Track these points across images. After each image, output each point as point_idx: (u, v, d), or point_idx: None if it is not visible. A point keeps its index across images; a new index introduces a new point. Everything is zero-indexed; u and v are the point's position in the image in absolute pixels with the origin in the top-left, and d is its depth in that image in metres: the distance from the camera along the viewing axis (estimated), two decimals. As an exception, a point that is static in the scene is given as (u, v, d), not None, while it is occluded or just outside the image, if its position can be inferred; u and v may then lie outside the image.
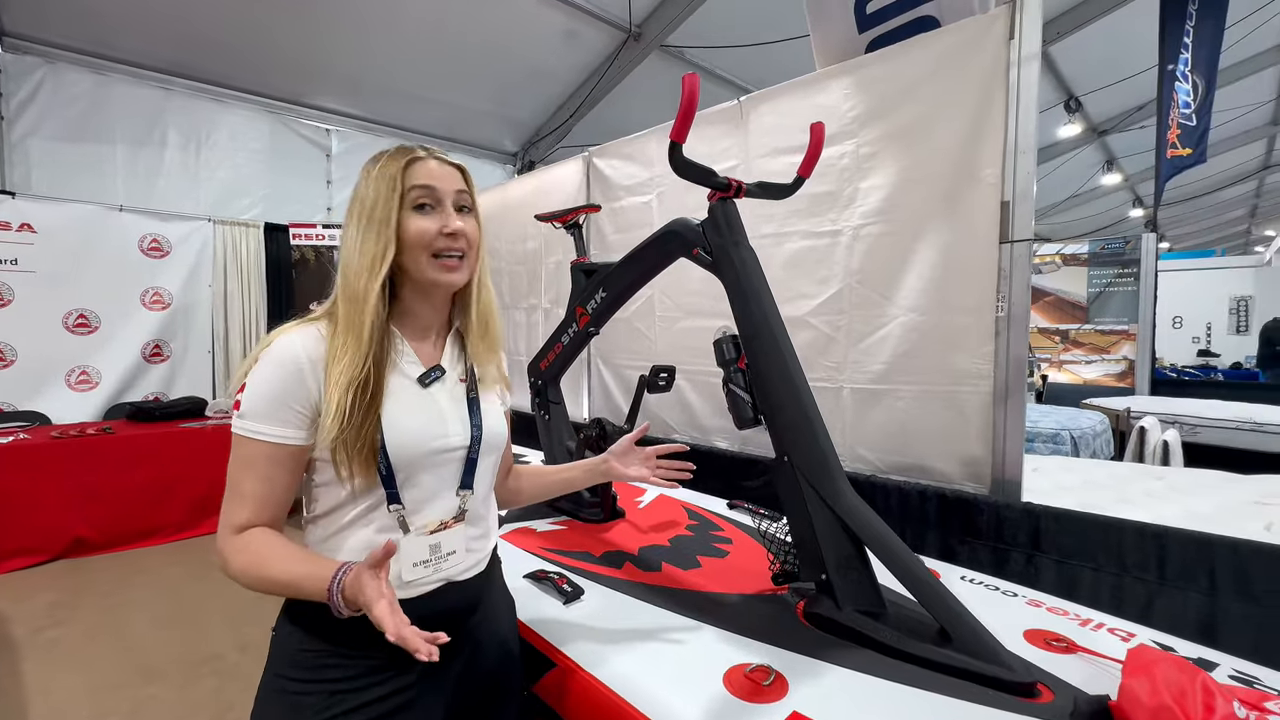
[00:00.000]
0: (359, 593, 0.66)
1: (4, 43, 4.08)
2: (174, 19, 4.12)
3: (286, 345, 0.76)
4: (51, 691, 2.03)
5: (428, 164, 0.83)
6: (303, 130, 5.24)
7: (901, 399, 1.83)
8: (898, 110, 1.82)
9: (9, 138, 4.13)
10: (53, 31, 4.14)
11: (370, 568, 0.67)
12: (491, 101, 5.70)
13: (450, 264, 0.83)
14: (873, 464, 1.89)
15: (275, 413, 0.74)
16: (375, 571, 0.67)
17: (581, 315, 1.54)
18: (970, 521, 1.61)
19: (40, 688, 2.05)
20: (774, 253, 2.13)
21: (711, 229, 1.20)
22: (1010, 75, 1.61)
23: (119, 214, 4.19)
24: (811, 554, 1.01)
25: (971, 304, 1.66)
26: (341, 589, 0.68)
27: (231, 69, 4.71)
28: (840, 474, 1.03)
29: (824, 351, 2.00)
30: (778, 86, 2.14)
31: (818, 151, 1.27)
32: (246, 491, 0.74)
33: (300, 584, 0.72)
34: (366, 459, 0.75)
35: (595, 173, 2.90)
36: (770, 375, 1.09)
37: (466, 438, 0.85)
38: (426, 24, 4.56)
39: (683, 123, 1.03)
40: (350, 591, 0.68)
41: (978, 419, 1.68)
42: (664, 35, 4.97)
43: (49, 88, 4.23)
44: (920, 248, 1.77)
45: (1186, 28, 4.39)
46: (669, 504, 1.69)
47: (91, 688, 2.05)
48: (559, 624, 1.01)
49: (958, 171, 1.70)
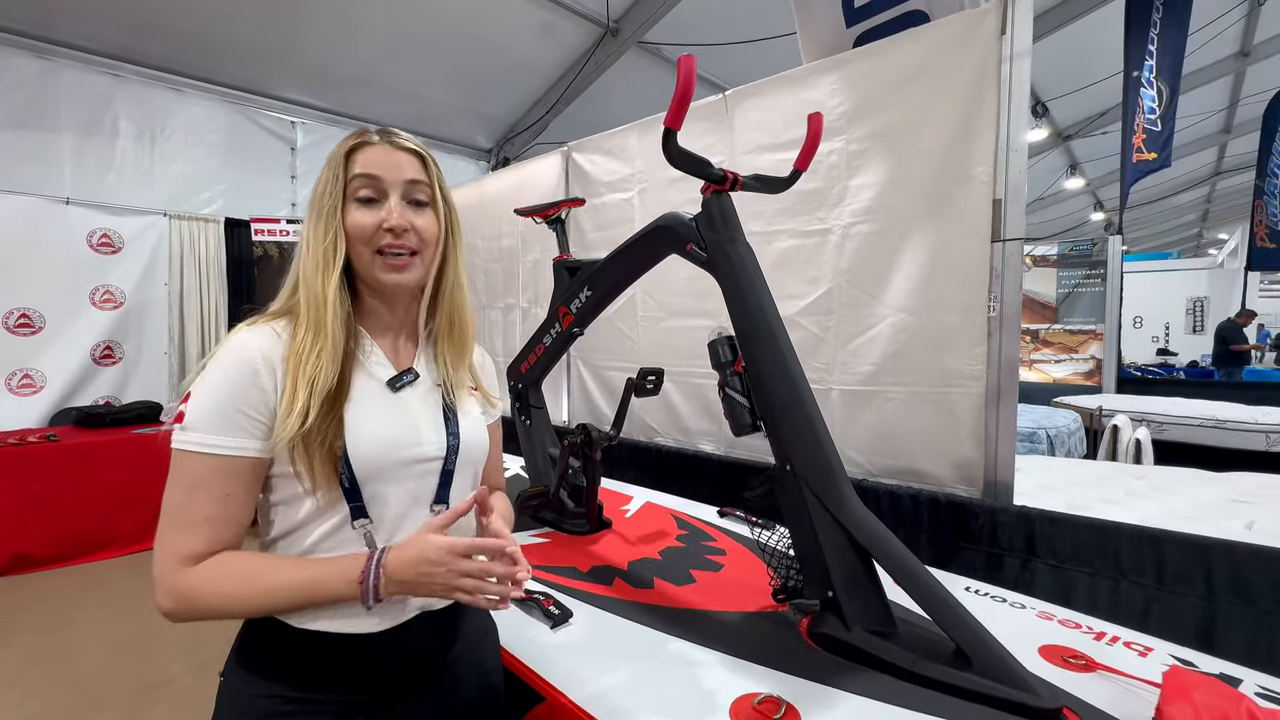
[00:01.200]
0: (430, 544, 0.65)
1: (-65, 22, 3.80)
2: (136, 4, 3.89)
3: (238, 346, 0.67)
4: (-18, 725, 1.87)
5: (376, 150, 0.75)
6: (265, 122, 5.01)
7: (891, 400, 1.79)
8: (887, 107, 1.79)
9: (-59, 125, 3.85)
10: (-7, 12, 3.87)
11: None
12: (464, 96, 5.55)
13: (396, 262, 0.74)
14: (863, 467, 1.85)
15: (229, 422, 0.65)
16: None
17: (565, 315, 1.46)
18: (964, 526, 1.58)
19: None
20: (762, 251, 2.03)
21: (706, 224, 1.14)
22: (1002, 71, 1.58)
23: (65, 207, 3.95)
24: (817, 569, 0.95)
25: (963, 304, 1.63)
26: (384, 564, 0.65)
27: (188, 55, 4.47)
28: (845, 482, 0.98)
29: (813, 352, 1.95)
30: (764, 81, 2.09)
31: (815, 144, 1.21)
32: (200, 516, 0.64)
33: (316, 584, 0.65)
34: (326, 463, 0.66)
35: (575, 168, 2.82)
36: (771, 378, 1.03)
37: (442, 447, 0.76)
38: (397, 13, 4.40)
39: (678, 108, 0.96)
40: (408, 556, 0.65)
41: (969, 421, 1.65)
42: (642, 31, 4.90)
43: (-13, 71, 3.96)
44: (910, 247, 1.74)
45: (1151, 35, 4.50)
46: (657, 512, 1.63)
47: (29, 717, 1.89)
48: (546, 651, 0.93)
49: (948, 169, 1.66)
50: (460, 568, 0.65)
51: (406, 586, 0.65)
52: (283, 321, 0.71)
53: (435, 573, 0.64)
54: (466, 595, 0.66)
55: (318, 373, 0.66)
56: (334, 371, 0.67)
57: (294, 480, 0.67)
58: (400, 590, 0.66)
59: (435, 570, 0.64)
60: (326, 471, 0.66)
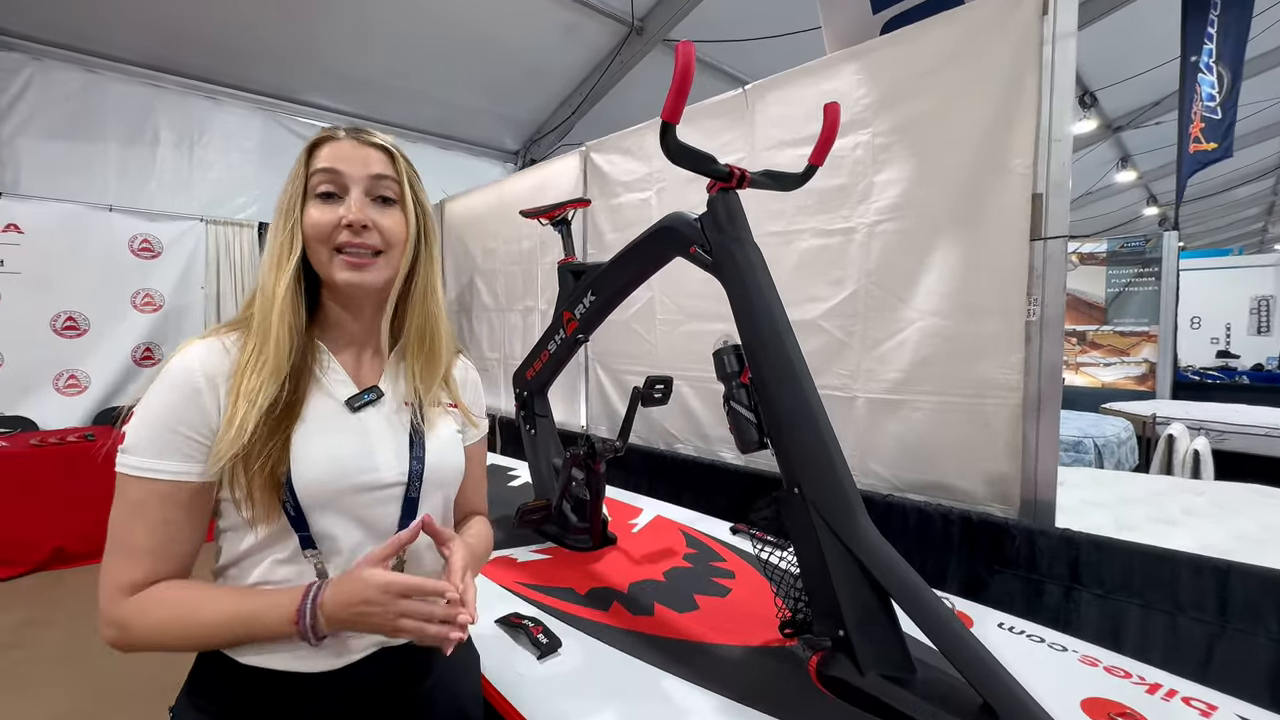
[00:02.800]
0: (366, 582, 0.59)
1: (-9, 38, 3.98)
2: (164, 14, 4.01)
3: (180, 363, 0.63)
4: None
5: (339, 145, 0.70)
6: (296, 128, 5.11)
7: (920, 410, 1.67)
8: (916, 96, 1.67)
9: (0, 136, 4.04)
10: (38, 27, 4.04)
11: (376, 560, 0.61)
12: (490, 99, 5.57)
13: (355, 261, 0.68)
14: (888, 481, 1.74)
15: (168, 444, 0.60)
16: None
17: (569, 320, 1.40)
18: (999, 548, 1.46)
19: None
20: (782, 252, 1.98)
21: (711, 224, 1.06)
22: (1044, 54, 1.45)
23: (108, 214, 4.09)
24: (827, 605, 0.87)
25: (998, 307, 1.51)
26: (320, 603, 0.59)
27: (223, 65, 4.59)
28: (860, 508, 0.89)
29: (836, 358, 1.85)
30: (785, 73, 1.99)
31: (832, 136, 1.12)
32: (139, 544, 0.60)
33: (253, 620, 0.60)
34: (266, 490, 0.61)
35: (593, 168, 2.76)
36: (779, 393, 0.94)
37: (403, 473, 0.70)
38: (423, 19, 4.43)
39: (676, 100, 0.89)
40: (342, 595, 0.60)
41: (1005, 433, 1.52)
42: (667, 29, 4.83)
43: (38, 85, 4.13)
44: (941, 246, 1.62)
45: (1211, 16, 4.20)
46: (667, 528, 1.55)
47: (53, 717, 1.93)
48: (530, 685, 0.87)
49: (983, 162, 1.54)
50: (398, 608, 0.59)
51: (346, 625, 0.60)
52: (235, 335, 0.66)
53: (372, 612, 0.59)
54: (408, 635, 0.61)
55: (259, 386, 0.61)
56: (276, 385, 0.62)
57: (233, 501, 0.62)
58: (340, 628, 0.60)
59: (372, 610, 0.59)
60: (267, 500, 0.61)
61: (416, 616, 0.60)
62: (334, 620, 0.59)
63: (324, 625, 0.59)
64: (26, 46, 4.09)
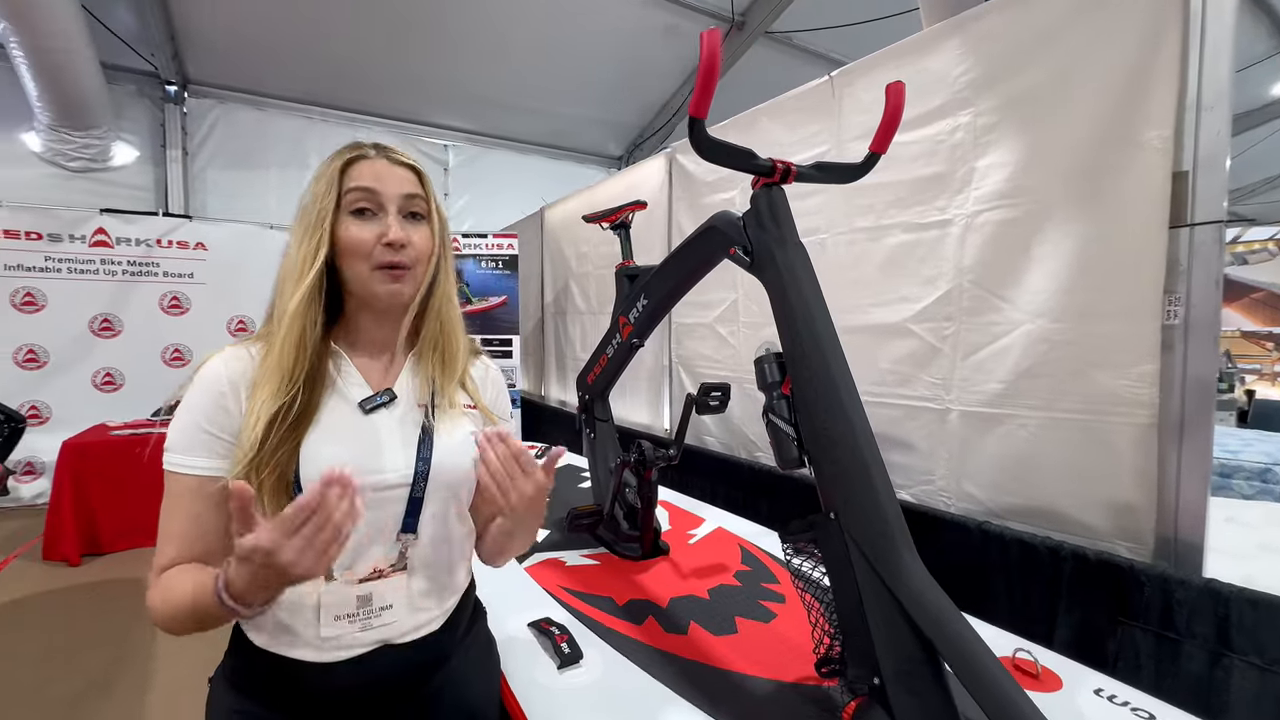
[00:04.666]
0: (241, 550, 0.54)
1: (189, 89, 4.79)
2: (322, 56, 4.62)
3: (209, 369, 0.69)
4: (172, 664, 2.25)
5: (373, 164, 0.73)
6: (422, 146, 5.63)
7: (1026, 426, 1.46)
8: (1027, 67, 1.46)
9: (191, 170, 4.85)
10: (225, 76, 4.80)
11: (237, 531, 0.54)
12: (594, 107, 5.73)
13: (395, 274, 0.72)
14: (984, 505, 1.54)
15: (197, 443, 0.67)
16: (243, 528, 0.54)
17: (624, 325, 1.38)
18: (1121, 595, 1.23)
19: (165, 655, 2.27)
20: (870, 249, 1.83)
21: (753, 223, 0.99)
22: (1190, 4, 1.20)
23: (269, 231, 4.73)
24: (862, 648, 0.77)
25: (1125, 307, 1.28)
26: (226, 582, 0.57)
27: (365, 95, 5.19)
28: (904, 542, 0.78)
29: (927, 365, 1.67)
30: (874, 55, 1.84)
31: (895, 120, 1.00)
32: (173, 532, 0.67)
33: (197, 597, 0.60)
34: (276, 491, 0.65)
35: (678, 169, 2.74)
36: (817, 407, 0.86)
37: (408, 474, 0.72)
38: (531, 37, 4.68)
39: (702, 93, 0.84)
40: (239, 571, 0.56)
41: (1132, 456, 1.28)
42: (768, 21, 4.68)
43: (222, 125, 4.93)
44: (1053, 237, 1.40)
45: None
46: (725, 541, 1.48)
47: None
48: (545, 693, 0.86)
49: (1108, 137, 1.31)
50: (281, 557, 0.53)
51: (254, 591, 0.57)
52: (259, 344, 0.72)
53: (256, 572, 0.55)
54: (311, 571, 0.55)
55: (268, 397, 0.66)
56: (284, 397, 0.66)
57: None
58: (255, 597, 0.57)
59: (255, 570, 0.55)
60: (277, 499, 0.65)
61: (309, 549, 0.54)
62: (239, 590, 0.57)
63: (237, 597, 0.57)
64: (215, 93, 4.88)
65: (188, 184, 4.82)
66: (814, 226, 1.97)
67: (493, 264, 4.03)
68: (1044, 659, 0.97)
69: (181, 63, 4.58)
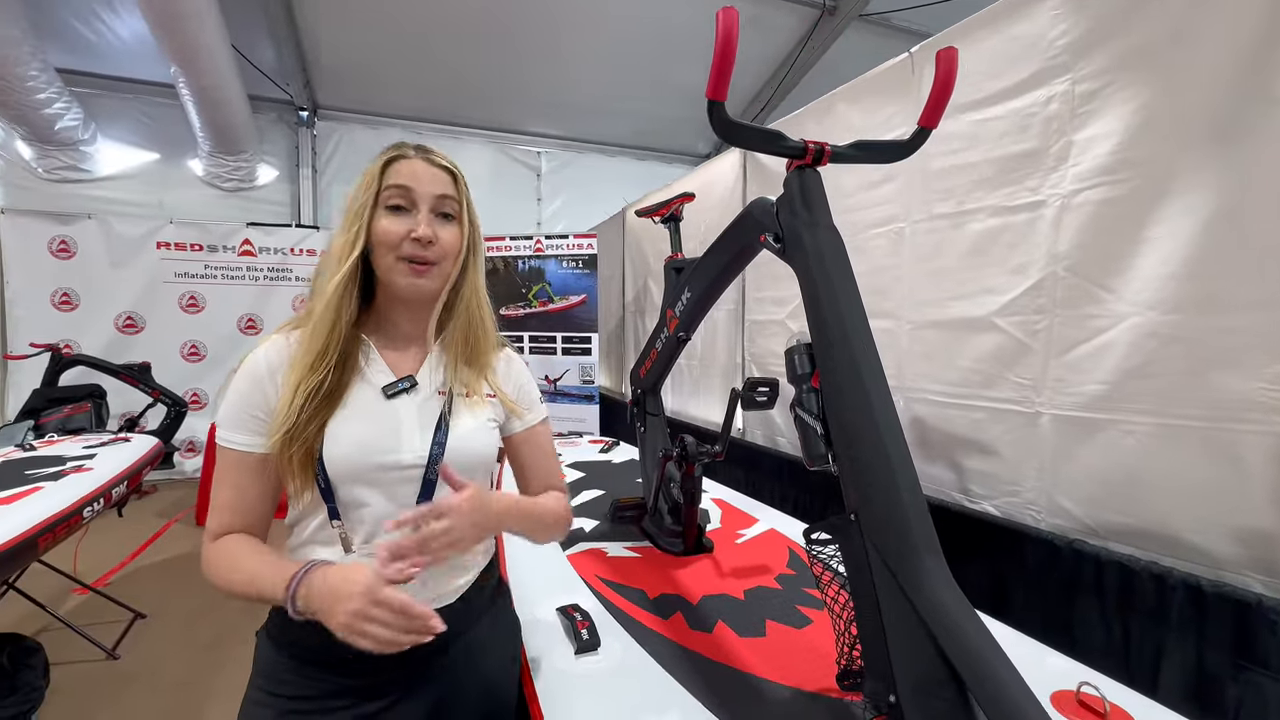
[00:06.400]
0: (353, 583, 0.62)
1: (318, 114, 5.38)
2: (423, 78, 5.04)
3: (252, 358, 0.77)
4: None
5: (411, 164, 0.78)
6: (516, 154, 5.93)
7: (1132, 434, 1.27)
8: (1136, 23, 1.27)
9: (319, 185, 5.44)
10: (347, 101, 5.35)
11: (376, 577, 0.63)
12: (682, 106, 5.71)
13: (416, 268, 0.77)
14: (1080, 521, 1.36)
15: (240, 421, 0.75)
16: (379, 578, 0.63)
17: (671, 318, 1.37)
18: (1246, 634, 1.04)
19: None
20: (952, 237, 1.68)
21: (785, 207, 0.94)
22: (1349, -76, 0.99)
23: (379, 239, 5.19)
24: (879, 662, 0.71)
25: (1257, 298, 1.07)
26: (306, 587, 0.65)
27: (465, 109, 5.57)
28: (933, 550, 0.71)
29: (1014, 364, 1.50)
30: (960, 25, 1.68)
31: (947, 91, 0.91)
32: (221, 500, 0.76)
33: (260, 581, 0.69)
34: (303, 467, 0.71)
35: (753, 161, 2.68)
36: (842, 403, 0.80)
37: (423, 456, 0.77)
38: (618, 41, 4.78)
39: (719, 75, 0.81)
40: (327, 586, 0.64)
41: (1268, 474, 1.07)
42: (862, 4, 4.44)
43: (344, 144, 5.48)
44: (1166, 217, 1.21)
45: None
46: (774, 543, 1.42)
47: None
48: (557, 675, 0.87)
49: (1238, 96, 1.11)
50: (370, 614, 0.61)
51: (319, 614, 0.64)
52: (299, 332, 0.79)
53: (335, 610, 0.62)
54: (367, 645, 0.62)
55: (300, 378, 0.72)
56: (317, 378, 0.72)
57: (281, 475, 0.74)
58: (315, 615, 0.64)
59: (345, 609, 0.61)
60: (304, 473, 0.71)
61: (382, 632, 0.61)
62: (309, 606, 0.64)
63: (301, 607, 0.64)
64: (339, 116, 5.44)
65: (316, 198, 5.41)
66: (890, 215, 1.85)
67: (573, 264, 4.15)
68: (1123, 699, 0.84)
69: (312, 90, 5.15)
